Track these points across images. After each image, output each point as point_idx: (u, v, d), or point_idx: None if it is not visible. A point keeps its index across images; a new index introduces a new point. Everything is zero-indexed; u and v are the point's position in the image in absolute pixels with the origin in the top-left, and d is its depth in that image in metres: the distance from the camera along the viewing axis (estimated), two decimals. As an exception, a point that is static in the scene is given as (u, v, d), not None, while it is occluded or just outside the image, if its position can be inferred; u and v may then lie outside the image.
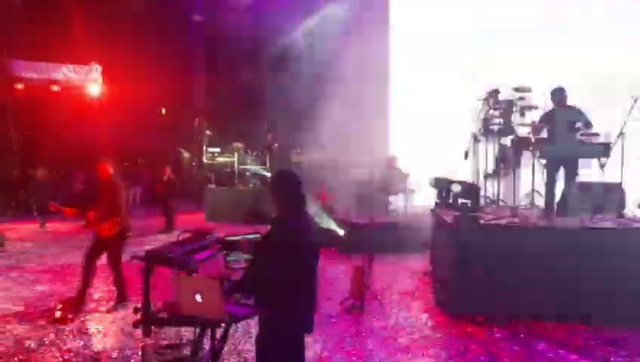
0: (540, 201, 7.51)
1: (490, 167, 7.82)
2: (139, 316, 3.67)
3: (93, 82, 17.80)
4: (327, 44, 15.48)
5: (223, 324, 3.35)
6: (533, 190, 7.49)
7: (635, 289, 5.57)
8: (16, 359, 4.80)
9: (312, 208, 10.48)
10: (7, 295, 7.03)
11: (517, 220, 6.56)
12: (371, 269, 6.57)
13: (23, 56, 17.35)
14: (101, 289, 7.09)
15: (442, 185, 7.63)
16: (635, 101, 6.54)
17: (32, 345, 5.13)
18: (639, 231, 5.99)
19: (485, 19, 12.75)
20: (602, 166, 6.70)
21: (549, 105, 7.27)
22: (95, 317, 6.03)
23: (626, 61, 9.72)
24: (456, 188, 7.07)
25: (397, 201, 11.87)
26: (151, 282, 3.86)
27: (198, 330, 3.51)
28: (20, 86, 17.22)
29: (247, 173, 15.91)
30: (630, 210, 7.05)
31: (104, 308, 6.31)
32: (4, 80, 16.81)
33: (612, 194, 7.00)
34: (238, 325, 4.94)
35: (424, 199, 12.65)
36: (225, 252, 3.97)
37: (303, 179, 3.40)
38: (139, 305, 3.77)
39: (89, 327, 5.66)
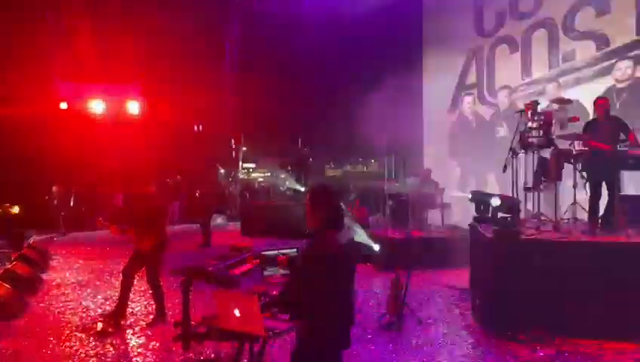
0: (583, 215, 7.28)
1: (530, 181, 7.62)
2: (178, 330, 3.70)
3: (132, 100, 18.35)
4: (364, 56, 15.57)
5: (260, 339, 3.35)
6: (575, 203, 7.26)
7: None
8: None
9: (347, 222, 10.44)
10: (49, 309, 7.23)
11: (559, 235, 6.37)
12: (408, 285, 6.47)
13: (65, 76, 18.04)
14: (140, 303, 7.21)
15: (481, 199, 7.48)
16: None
17: (73, 360, 5.24)
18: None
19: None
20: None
21: (592, 116, 7.07)
22: (134, 331, 6.13)
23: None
24: (495, 202, 6.93)
25: (433, 215, 11.72)
26: (192, 297, 3.90)
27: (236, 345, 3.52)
28: (63, 105, 17.88)
29: (282, 188, 16.03)
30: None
31: (143, 322, 6.40)
32: (48, 100, 17.50)
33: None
34: (275, 340, 4.93)
35: (461, 213, 12.48)
36: (262, 267, 3.98)
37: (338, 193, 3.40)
38: (178, 320, 3.81)
39: (128, 341, 5.75)
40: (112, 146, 18.10)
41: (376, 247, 9.73)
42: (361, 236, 10.03)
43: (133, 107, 18.42)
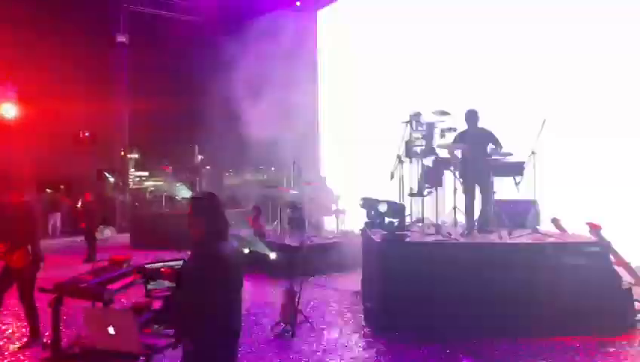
0: (462, 218, 7.79)
1: (415, 187, 8.06)
2: (48, 353, 3.42)
3: (7, 102, 16.83)
4: (257, 64, 15.57)
5: (140, 357, 3.18)
6: (455, 208, 7.76)
7: (551, 301, 5.83)
8: None
9: (243, 231, 10.32)
10: None
11: (440, 237, 6.76)
12: (302, 292, 6.52)
13: None
14: (12, 324, 6.58)
15: (370, 205, 7.75)
16: (544, 122, 6.98)
17: None
18: (553, 245, 6.31)
19: (407, 46, 13.27)
20: (517, 183, 7.06)
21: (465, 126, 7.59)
22: (4, 354, 5.57)
23: (535, 83, 10.30)
24: (383, 207, 7.21)
25: (328, 222, 11.96)
26: (66, 315, 3.62)
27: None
28: None
29: (177, 197, 15.48)
30: (544, 225, 7.44)
31: (15, 345, 5.83)
32: None
33: (527, 211, 7.40)
34: (160, 357, 4.73)
35: (354, 219, 12.84)
36: (145, 280, 3.79)
37: (235, 202, 3.34)
38: (48, 341, 3.52)
39: (-4, 367, 5.22)
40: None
41: (273, 255, 9.70)
42: (257, 245, 9.95)
43: (9, 110, 16.88)
